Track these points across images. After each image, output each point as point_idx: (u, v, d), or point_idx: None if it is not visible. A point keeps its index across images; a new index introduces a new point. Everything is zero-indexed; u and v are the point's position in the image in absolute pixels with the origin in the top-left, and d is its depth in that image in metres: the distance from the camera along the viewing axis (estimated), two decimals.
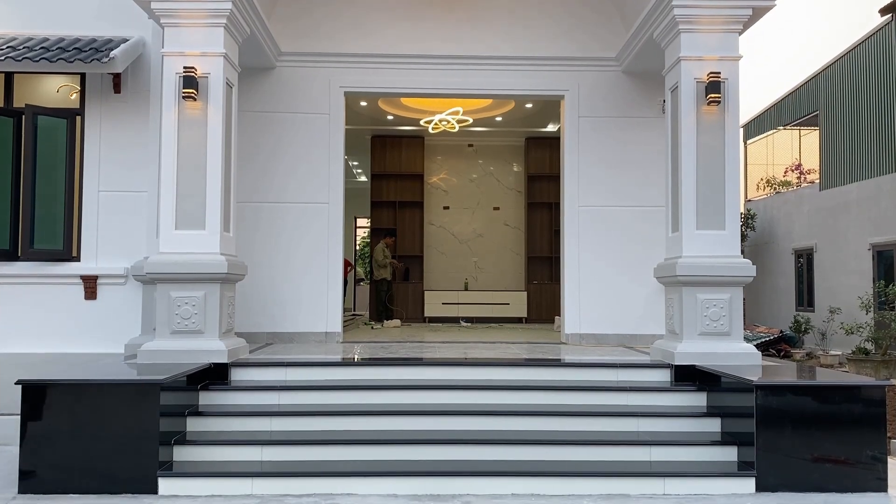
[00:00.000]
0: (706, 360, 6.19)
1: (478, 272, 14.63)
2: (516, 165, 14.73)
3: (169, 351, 6.15)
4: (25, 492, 5.00)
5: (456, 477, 5.22)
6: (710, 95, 6.40)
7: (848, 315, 14.77)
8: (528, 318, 13.72)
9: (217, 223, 6.42)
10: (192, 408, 5.81)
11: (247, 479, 5.14)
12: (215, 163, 6.44)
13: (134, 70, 7.87)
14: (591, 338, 8.67)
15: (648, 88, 8.74)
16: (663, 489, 5.20)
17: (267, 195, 8.62)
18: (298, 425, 5.77)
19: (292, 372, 6.41)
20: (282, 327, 8.54)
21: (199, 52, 6.45)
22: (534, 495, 5.13)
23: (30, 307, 7.71)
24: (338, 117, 8.75)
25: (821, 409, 5.30)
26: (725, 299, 6.35)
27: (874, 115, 16.14)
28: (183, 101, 6.40)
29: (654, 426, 5.83)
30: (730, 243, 6.45)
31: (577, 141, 8.82)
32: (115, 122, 7.86)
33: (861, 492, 5.17)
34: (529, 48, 8.76)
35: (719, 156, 6.50)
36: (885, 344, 12.46)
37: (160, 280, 6.30)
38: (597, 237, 8.74)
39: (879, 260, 15.54)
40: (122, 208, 7.85)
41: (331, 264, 8.66)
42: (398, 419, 5.83)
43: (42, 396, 5.10)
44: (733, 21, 6.54)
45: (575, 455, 5.51)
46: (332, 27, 8.69)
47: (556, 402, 6.12)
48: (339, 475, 5.19)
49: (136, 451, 5.07)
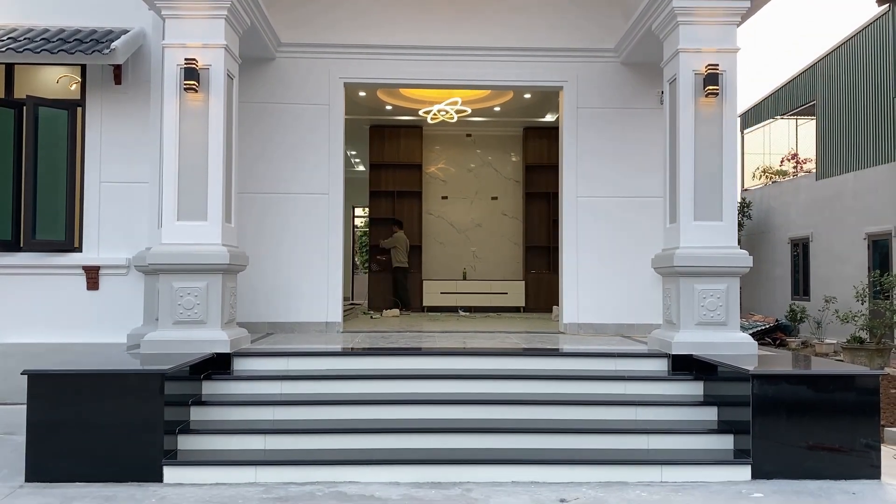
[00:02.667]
0: (703, 350, 6.26)
1: (476, 262, 14.69)
2: (514, 155, 14.76)
3: (172, 341, 6.21)
4: (32, 480, 5.06)
5: (456, 465, 5.29)
6: (707, 88, 6.43)
7: (843, 304, 14.88)
8: (526, 308, 13.79)
9: (218, 214, 6.46)
10: (195, 397, 5.88)
11: (250, 468, 5.21)
12: (216, 154, 6.48)
13: (134, 61, 7.89)
14: (588, 327, 8.74)
15: (647, 80, 8.77)
16: (661, 476, 5.28)
17: (268, 186, 8.66)
18: (300, 414, 5.84)
19: (294, 361, 6.47)
20: (283, 317, 8.60)
21: (201, 43, 6.47)
22: (533, 482, 5.21)
23: (33, 298, 7.75)
24: (337, 108, 8.79)
25: (816, 397, 5.38)
26: (722, 289, 6.42)
27: (871, 105, 16.19)
28: (184, 92, 6.42)
29: (652, 415, 5.91)
30: (727, 234, 6.51)
31: (576, 132, 8.86)
32: (115, 113, 7.88)
33: (855, 479, 5.25)
34: (529, 39, 8.78)
35: (717, 148, 6.55)
36: (879, 333, 12.56)
37: (162, 271, 6.35)
38: (595, 228, 8.80)
39: (874, 249, 15.64)
40: (123, 199, 7.88)
41: (331, 254, 8.71)
42: (399, 408, 5.90)
43: (47, 386, 5.15)
44: (732, 13, 6.57)
45: (573, 443, 5.58)
46: (331, 18, 8.71)
47: (554, 391, 6.20)
48: (341, 463, 5.26)
49: (141, 440, 5.14)
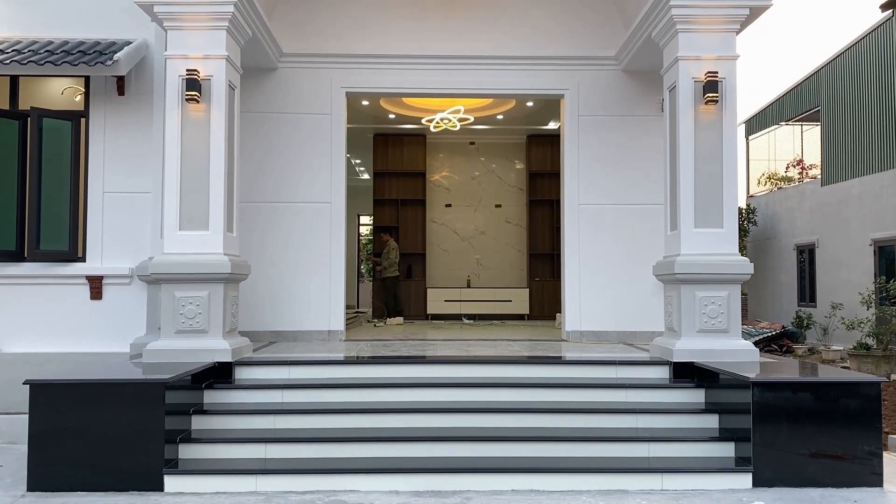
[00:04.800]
0: (704, 357, 6.25)
1: (480, 269, 14.70)
2: (518, 163, 14.78)
3: (174, 350, 6.24)
4: (34, 489, 5.08)
5: (457, 473, 5.29)
6: (707, 95, 6.44)
7: (849, 310, 14.82)
8: (530, 315, 13.79)
9: (220, 224, 6.50)
10: (196, 406, 5.90)
11: (251, 477, 5.22)
12: (218, 164, 6.52)
13: (137, 72, 7.94)
14: (591, 335, 8.73)
15: (648, 87, 8.78)
16: (661, 485, 5.26)
17: (269, 195, 8.70)
18: (301, 423, 5.85)
19: (295, 370, 6.48)
20: (285, 325, 8.62)
21: (202, 54, 6.53)
22: (533, 491, 5.20)
23: (37, 307, 7.78)
24: (339, 117, 8.82)
25: (817, 405, 5.36)
26: (723, 297, 6.41)
27: (876, 110, 16.15)
28: (186, 103, 6.47)
29: (653, 422, 5.90)
30: (728, 241, 6.51)
31: (577, 139, 8.87)
32: (119, 123, 7.92)
33: (857, 486, 5.23)
34: (530, 47, 8.81)
35: (717, 155, 6.55)
36: (885, 339, 12.50)
37: (164, 280, 6.38)
38: (597, 235, 8.80)
39: (881, 255, 15.58)
40: (126, 209, 7.91)
41: (333, 263, 8.73)
42: (400, 416, 5.90)
43: (49, 396, 5.17)
44: (731, 21, 6.59)
45: (574, 451, 5.58)
46: (333, 28, 8.75)
47: (556, 398, 6.19)
48: (342, 472, 5.27)
49: (142, 450, 5.15)
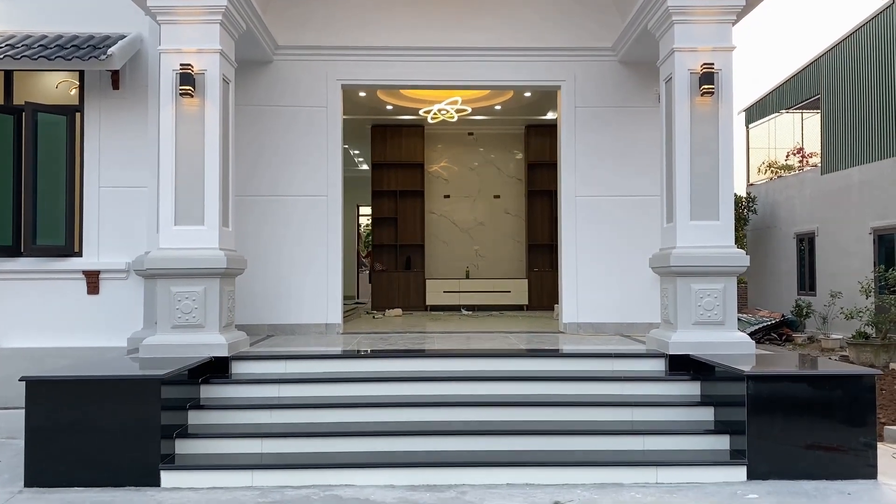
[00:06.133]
0: (700, 350, 6.25)
1: (479, 260, 14.69)
2: (517, 153, 14.75)
3: (170, 345, 6.25)
4: (31, 485, 5.11)
5: (452, 467, 5.31)
6: (703, 86, 6.41)
7: (849, 299, 14.80)
8: (529, 306, 13.78)
9: (216, 218, 6.50)
10: (193, 401, 5.92)
11: (247, 472, 5.24)
12: (213, 159, 6.51)
13: (132, 66, 7.92)
14: (588, 327, 8.74)
15: (644, 78, 8.74)
16: (656, 478, 5.28)
17: (265, 188, 8.69)
18: (298, 418, 5.86)
19: (292, 365, 6.49)
20: (282, 319, 8.62)
21: (196, 48, 6.50)
22: (528, 485, 5.22)
23: (34, 302, 7.80)
24: (335, 110, 8.79)
25: (811, 398, 5.36)
26: (719, 289, 6.41)
27: (876, 98, 16.09)
28: (180, 97, 6.45)
29: (649, 415, 5.91)
30: (724, 233, 6.50)
31: (574, 131, 8.84)
32: (114, 118, 7.91)
33: (851, 479, 5.24)
34: (526, 39, 8.76)
35: (713, 147, 6.53)
36: (884, 328, 12.49)
37: (160, 275, 6.38)
38: (594, 227, 8.79)
39: (880, 244, 15.55)
40: (122, 204, 7.92)
41: (330, 255, 8.73)
42: (396, 410, 5.92)
43: (46, 392, 5.19)
44: (727, 12, 6.55)
45: (570, 445, 5.59)
46: (328, 20, 8.71)
47: (552, 392, 6.20)
48: (338, 467, 5.29)
49: (139, 445, 5.17)
